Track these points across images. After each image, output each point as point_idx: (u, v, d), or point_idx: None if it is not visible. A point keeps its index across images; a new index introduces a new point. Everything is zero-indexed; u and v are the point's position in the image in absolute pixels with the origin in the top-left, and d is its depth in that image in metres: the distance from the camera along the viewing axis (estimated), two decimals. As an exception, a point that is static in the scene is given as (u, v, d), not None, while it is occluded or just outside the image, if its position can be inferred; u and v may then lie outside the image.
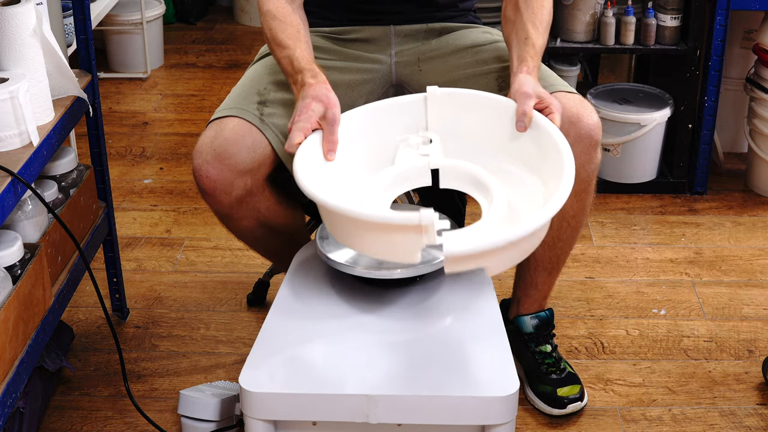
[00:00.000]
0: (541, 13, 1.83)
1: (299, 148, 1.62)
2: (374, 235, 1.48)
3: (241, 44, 4.21)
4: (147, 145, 3.28)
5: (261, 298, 2.43)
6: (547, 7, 1.85)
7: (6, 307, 1.63)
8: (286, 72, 1.78)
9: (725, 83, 3.02)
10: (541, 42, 1.80)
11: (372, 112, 1.77)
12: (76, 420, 2.06)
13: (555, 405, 2.05)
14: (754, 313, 2.41)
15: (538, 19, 1.82)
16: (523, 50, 1.77)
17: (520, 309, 2.09)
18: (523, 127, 1.66)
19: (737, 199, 2.95)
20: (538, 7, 1.83)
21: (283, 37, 1.79)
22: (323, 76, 1.72)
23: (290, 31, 1.80)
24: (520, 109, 1.67)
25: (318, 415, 1.52)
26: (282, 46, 1.79)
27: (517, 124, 1.67)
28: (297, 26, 1.81)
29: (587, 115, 1.81)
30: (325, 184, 1.59)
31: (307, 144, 1.63)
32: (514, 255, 1.50)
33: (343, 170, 1.66)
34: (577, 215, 1.92)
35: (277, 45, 1.80)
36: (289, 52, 1.77)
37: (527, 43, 1.78)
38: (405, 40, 1.99)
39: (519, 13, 1.83)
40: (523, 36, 1.79)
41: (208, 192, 1.79)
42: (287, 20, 1.81)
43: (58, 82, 1.91)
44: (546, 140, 1.63)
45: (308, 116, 1.66)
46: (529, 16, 1.82)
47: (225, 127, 1.79)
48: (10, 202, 1.62)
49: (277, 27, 1.81)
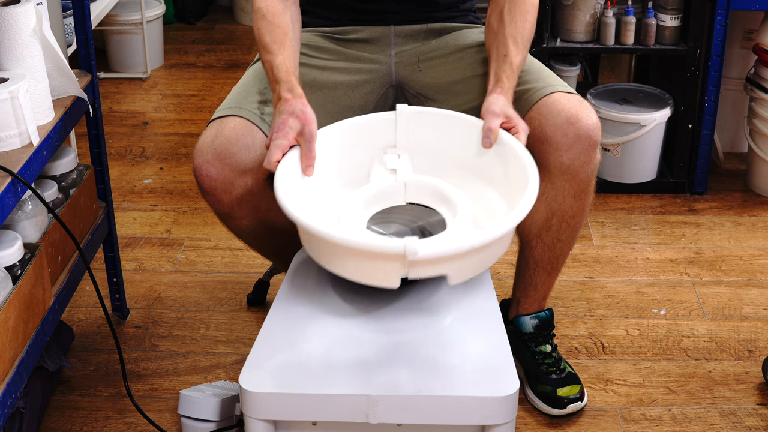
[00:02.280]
0: (523, 27, 1.86)
1: (278, 165, 1.64)
2: (356, 259, 1.52)
3: (241, 44, 4.21)
4: (147, 145, 3.28)
5: (261, 298, 2.43)
6: (530, 21, 1.87)
7: (6, 307, 1.63)
8: (268, 77, 1.79)
9: (725, 83, 3.02)
10: (520, 59, 1.84)
11: (348, 128, 1.80)
12: (76, 420, 2.06)
13: (555, 405, 2.05)
14: (754, 313, 2.41)
15: (519, 34, 1.85)
16: (501, 68, 1.82)
17: (520, 309, 2.09)
18: (488, 143, 1.72)
19: (737, 199, 2.95)
20: (521, 20, 1.86)
21: (268, 41, 1.79)
22: (300, 89, 1.73)
23: (276, 34, 1.79)
24: (486, 126, 1.72)
25: (318, 415, 1.52)
26: (266, 50, 1.79)
27: (483, 140, 1.72)
28: (285, 28, 1.80)
29: (586, 115, 1.81)
30: (304, 201, 1.64)
31: (285, 162, 1.66)
32: (476, 263, 1.55)
33: (320, 186, 1.71)
34: (577, 215, 1.92)
35: (262, 47, 1.80)
36: (271, 58, 1.77)
37: (505, 61, 1.82)
38: (405, 40, 1.99)
39: (502, 25, 1.86)
40: (502, 52, 1.83)
41: (209, 191, 1.79)
42: (275, 21, 1.80)
43: (58, 82, 1.91)
44: (511, 157, 1.68)
45: (285, 133, 1.68)
46: (510, 30, 1.85)
47: (226, 126, 1.79)
48: (10, 202, 1.62)
49: (265, 28, 1.80)
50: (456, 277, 1.54)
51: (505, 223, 1.53)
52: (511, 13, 1.86)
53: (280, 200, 1.58)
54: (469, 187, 1.74)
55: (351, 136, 1.79)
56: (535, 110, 1.83)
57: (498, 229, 1.52)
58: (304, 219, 1.55)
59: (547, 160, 1.84)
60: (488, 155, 1.72)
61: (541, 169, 1.86)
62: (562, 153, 1.82)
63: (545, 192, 1.88)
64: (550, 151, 1.83)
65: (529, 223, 1.94)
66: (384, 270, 1.51)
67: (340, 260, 1.56)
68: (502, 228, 1.52)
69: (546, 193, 1.88)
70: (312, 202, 1.68)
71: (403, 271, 1.49)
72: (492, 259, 1.59)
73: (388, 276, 1.51)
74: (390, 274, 1.51)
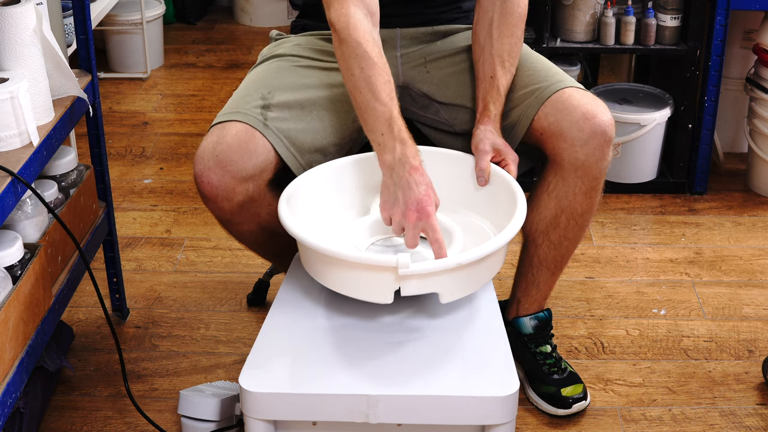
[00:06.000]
0: (510, 44, 1.87)
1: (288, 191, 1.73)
2: (350, 274, 1.58)
3: (241, 44, 4.21)
4: (147, 145, 3.28)
5: (261, 298, 2.43)
6: (517, 35, 1.89)
7: (6, 307, 1.63)
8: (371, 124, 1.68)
9: (725, 83, 3.02)
10: (507, 80, 1.87)
11: (355, 162, 1.84)
12: (76, 420, 2.06)
13: (560, 405, 2.05)
14: (754, 313, 2.41)
15: (506, 52, 1.87)
16: (488, 93, 1.86)
17: (520, 310, 2.09)
18: (483, 182, 1.79)
19: (737, 199, 2.95)
20: (509, 35, 1.88)
21: (379, 86, 1.67)
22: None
23: (385, 78, 1.69)
24: (478, 167, 1.80)
25: (318, 415, 1.52)
26: (376, 95, 1.67)
27: (478, 179, 1.80)
28: (387, 69, 1.71)
29: (601, 112, 1.83)
30: (307, 224, 1.71)
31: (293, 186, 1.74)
32: (467, 282, 1.62)
33: (323, 217, 1.78)
34: (585, 213, 1.92)
35: (369, 90, 1.68)
36: (387, 110, 1.67)
37: (492, 85, 1.86)
38: (410, 42, 1.99)
39: (490, 41, 1.88)
40: (489, 73, 1.86)
41: (210, 198, 1.78)
42: (379, 61, 1.70)
43: (58, 82, 1.91)
44: (502, 190, 1.76)
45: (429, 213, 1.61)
46: (497, 48, 1.87)
47: (227, 132, 1.78)
48: (10, 202, 1.62)
49: (369, 67, 1.68)
50: (447, 294, 1.59)
51: (494, 242, 1.60)
52: (500, 27, 1.87)
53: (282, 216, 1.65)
54: (464, 219, 1.79)
55: (354, 172, 1.83)
56: (548, 105, 1.84)
57: (487, 248, 1.58)
58: (302, 233, 1.60)
59: (560, 155, 1.84)
60: (481, 189, 1.81)
61: (553, 165, 1.87)
62: (578, 149, 1.82)
63: (556, 188, 1.88)
64: (565, 147, 1.83)
65: (537, 220, 1.94)
66: (377, 284, 1.55)
67: (336, 275, 1.60)
68: (491, 246, 1.59)
69: (557, 189, 1.88)
70: (314, 227, 1.73)
71: (395, 285, 1.54)
72: (482, 278, 1.65)
73: (381, 291, 1.56)
74: (383, 288, 1.55)
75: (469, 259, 1.56)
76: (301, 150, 1.83)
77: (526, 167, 1.95)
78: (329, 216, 1.80)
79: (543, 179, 1.92)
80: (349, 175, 1.84)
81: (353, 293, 1.61)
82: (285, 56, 1.96)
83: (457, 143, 1.92)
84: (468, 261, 1.56)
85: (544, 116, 1.83)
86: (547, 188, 1.90)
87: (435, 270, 1.55)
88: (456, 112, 1.95)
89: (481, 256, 1.57)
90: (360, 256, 1.57)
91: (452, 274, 1.57)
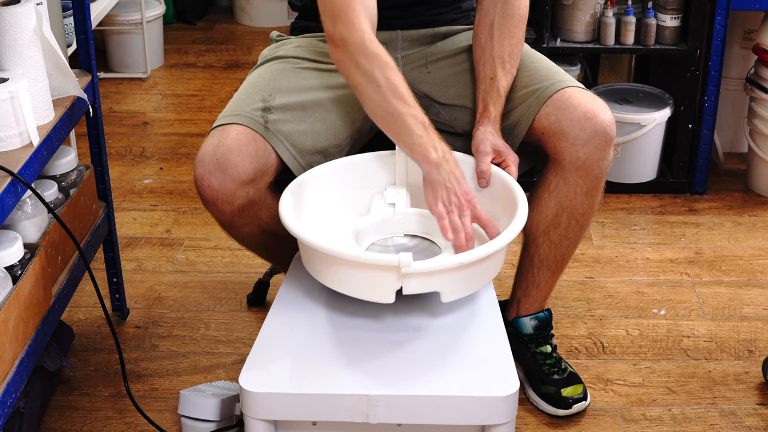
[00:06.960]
0: (510, 45, 1.88)
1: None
2: (353, 273, 1.59)
3: (241, 44, 4.21)
4: (147, 145, 3.28)
5: (261, 298, 2.43)
6: (518, 36, 1.89)
7: (6, 307, 1.63)
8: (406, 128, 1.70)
9: (725, 83, 3.02)
10: (507, 82, 1.87)
11: (355, 163, 1.85)
12: (76, 420, 2.06)
13: (560, 405, 2.05)
14: (754, 313, 2.41)
15: (507, 53, 1.87)
16: (488, 94, 1.86)
17: (520, 310, 2.09)
18: (484, 183, 1.79)
19: (737, 199, 2.95)
20: (509, 37, 1.88)
21: (403, 91, 1.70)
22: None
23: (405, 82, 1.72)
24: (479, 169, 1.80)
25: (318, 415, 1.52)
26: (407, 102, 1.70)
27: (479, 181, 1.80)
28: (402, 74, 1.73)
29: (602, 111, 1.83)
30: (308, 224, 1.72)
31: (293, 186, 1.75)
32: (468, 281, 1.62)
33: (323, 218, 1.79)
34: (586, 213, 1.92)
35: (397, 96, 1.69)
36: (419, 113, 1.70)
37: (492, 86, 1.86)
38: (411, 44, 1.99)
39: (490, 42, 1.88)
40: (489, 75, 1.87)
41: (210, 201, 1.78)
42: (396, 67, 1.72)
43: (58, 82, 1.91)
44: (502, 191, 1.77)
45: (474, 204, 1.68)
46: (498, 50, 1.87)
47: (228, 135, 1.77)
48: (10, 202, 1.62)
49: (393, 75, 1.70)
50: (448, 294, 1.59)
51: (496, 242, 1.60)
52: (501, 29, 1.88)
53: (283, 216, 1.65)
54: None
55: (353, 172, 1.84)
56: (549, 105, 1.84)
57: (489, 247, 1.59)
58: (303, 233, 1.61)
59: (561, 154, 1.84)
60: (482, 191, 1.81)
61: (554, 164, 1.87)
62: (579, 148, 1.82)
63: (557, 188, 1.89)
64: (566, 146, 1.83)
65: (538, 220, 1.94)
66: (379, 283, 1.56)
67: (338, 274, 1.60)
68: (493, 245, 1.59)
69: (558, 188, 1.89)
70: (314, 227, 1.74)
71: (397, 284, 1.54)
72: (483, 278, 1.65)
73: (383, 290, 1.56)
74: (384, 287, 1.56)
75: (471, 259, 1.56)
76: (302, 152, 1.82)
77: (527, 167, 1.95)
78: (330, 216, 1.80)
79: (544, 179, 1.92)
80: (350, 175, 1.84)
81: (355, 293, 1.61)
82: (285, 58, 1.96)
83: (458, 144, 1.93)
84: (470, 260, 1.56)
85: (545, 116, 1.84)
86: (548, 188, 1.91)
87: (437, 269, 1.55)
88: (457, 113, 1.95)
89: (484, 255, 1.58)
90: (362, 255, 1.58)
91: (454, 273, 1.57)
